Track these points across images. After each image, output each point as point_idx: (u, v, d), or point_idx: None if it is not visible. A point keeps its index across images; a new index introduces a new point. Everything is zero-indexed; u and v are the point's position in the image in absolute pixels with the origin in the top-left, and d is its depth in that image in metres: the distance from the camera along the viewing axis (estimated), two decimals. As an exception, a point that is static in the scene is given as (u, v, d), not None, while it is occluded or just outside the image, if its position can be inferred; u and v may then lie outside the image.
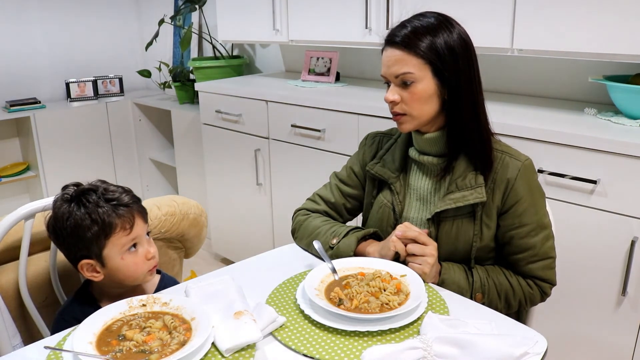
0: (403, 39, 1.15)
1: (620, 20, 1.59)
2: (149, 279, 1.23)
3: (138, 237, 1.18)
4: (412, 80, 1.16)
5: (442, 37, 1.14)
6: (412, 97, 1.17)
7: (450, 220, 1.21)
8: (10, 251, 1.33)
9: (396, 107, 1.20)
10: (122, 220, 1.14)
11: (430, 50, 1.14)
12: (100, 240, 1.13)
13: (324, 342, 0.95)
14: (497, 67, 2.24)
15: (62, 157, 3.46)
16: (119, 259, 1.15)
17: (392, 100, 1.19)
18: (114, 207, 1.14)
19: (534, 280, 1.22)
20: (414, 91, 1.16)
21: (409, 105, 1.18)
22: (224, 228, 2.98)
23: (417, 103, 1.17)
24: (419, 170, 1.29)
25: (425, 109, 1.18)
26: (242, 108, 2.61)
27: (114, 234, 1.14)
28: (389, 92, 1.20)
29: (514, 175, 1.18)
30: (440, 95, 1.18)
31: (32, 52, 3.57)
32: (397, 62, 1.16)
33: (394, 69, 1.17)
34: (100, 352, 0.89)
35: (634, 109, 1.71)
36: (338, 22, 2.33)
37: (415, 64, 1.15)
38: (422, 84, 1.16)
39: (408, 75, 1.16)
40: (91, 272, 1.17)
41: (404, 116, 1.20)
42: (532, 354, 0.89)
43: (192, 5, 3.16)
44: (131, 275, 1.18)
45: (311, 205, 1.42)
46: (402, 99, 1.18)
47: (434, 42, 1.14)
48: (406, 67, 1.15)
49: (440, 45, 1.14)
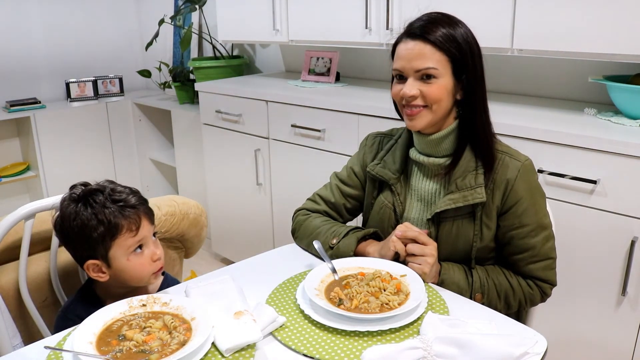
0: (428, 33, 1.14)
1: (620, 20, 1.59)
2: (154, 282, 1.22)
3: (144, 238, 1.17)
4: (434, 75, 1.15)
5: (460, 34, 1.15)
6: (432, 92, 1.15)
7: (450, 220, 1.21)
8: (10, 251, 1.33)
9: (416, 101, 1.17)
10: (128, 221, 1.14)
11: (453, 47, 1.14)
12: (106, 241, 1.13)
13: (324, 342, 0.95)
14: (497, 67, 2.24)
15: (62, 157, 3.46)
16: (125, 260, 1.15)
17: (411, 95, 1.16)
18: (120, 208, 1.14)
19: (534, 281, 1.22)
20: (434, 87, 1.15)
21: (429, 100, 1.16)
22: (224, 228, 2.98)
23: (437, 98, 1.16)
24: (419, 171, 1.29)
25: (442, 105, 1.17)
26: (242, 108, 2.61)
27: (120, 235, 1.13)
28: (407, 86, 1.17)
29: (514, 175, 1.18)
30: (454, 94, 1.18)
31: (32, 52, 3.57)
32: (420, 56, 1.15)
33: (416, 63, 1.15)
34: (100, 352, 0.89)
35: (634, 109, 1.71)
36: (338, 23, 2.33)
37: (438, 59, 1.14)
38: (442, 80, 1.15)
39: (432, 70, 1.14)
40: (97, 273, 1.17)
41: (423, 110, 1.17)
42: (532, 354, 0.89)
43: (192, 5, 3.16)
44: (136, 277, 1.18)
45: (311, 205, 1.42)
46: (422, 93, 1.16)
47: (455, 38, 1.14)
48: (430, 62, 1.14)
49: (461, 41, 1.14)
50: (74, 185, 1.20)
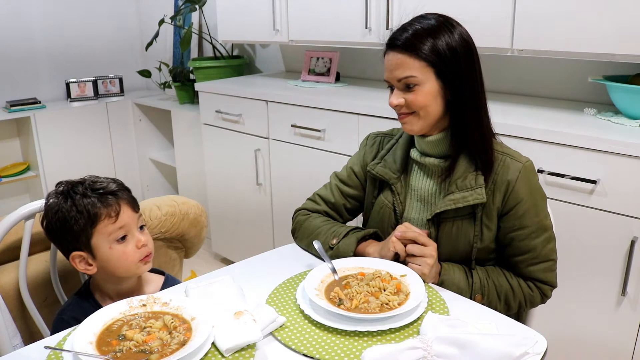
0: (404, 43, 1.15)
1: (620, 20, 1.59)
2: (142, 270, 1.22)
3: (127, 226, 1.18)
4: (415, 83, 1.16)
5: (443, 39, 1.14)
6: (416, 99, 1.17)
7: (450, 221, 1.21)
8: (10, 251, 1.33)
9: (403, 109, 1.20)
10: (107, 208, 1.15)
11: (432, 52, 1.14)
12: (87, 230, 1.14)
13: (324, 342, 0.95)
14: (497, 67, 2.24)
15: (62, 157, 3.46)
16: (108, 249, 1.16)
17: (396, 104, 1.19)
18: (100, 195, 1.15)
19: (534, 283, 1.22)
20: (417, 94, 1.16)
21: (414, 107, 1.18)
22: (224, 228, 2.98)
23: (422, 105, 1.17)
24: (420, 171, 1.29)
25: (430, 110, 1.18)
26: (242, 108, 2.61)
27: (100, 221, 1.14)
28: (392, 96, 1.20)
29: (515, 177, 1.18)
30: (444, 96, 1.18)
31: (33, 52, 3.57)
32: (399, 66, 1.16)
33: (396, 73, 1.17)
34: (100, 352, 0.89)
35: (634, 109, 1.71)
36: (338, 22, 2.33)
37: (417, 67, 1.15)
38: (425, 86, 1.16)
39: (411, 79, 1.16)
40: (84, 265, 1.18)
41: (411, 115, 1.19)
42: (532, 354, 0.90)
43: (192, 5, 3.16)
44: (121, 266, 1.18)
45: (311, 205, 1.42)
46: (407, 101, 1.18)
47: (435, 44, 1.14)
48: (408, 71, 1.15)
49: (441, 46, 1.14)
50: (60, 181, 1.21)
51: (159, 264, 1.55)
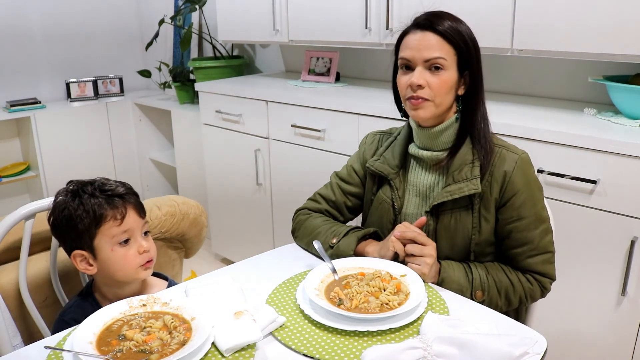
0: (438, 25, 1.17)
1: (620, 20, 1.59)
2: (142, 275, 1.21)
3: (131, 230, 1.18)
4: (442, 66, 1.17)
5: (464, 29, 1.19)
6: (439, 83, 1.18)
7: (448, 213, 1.22)
8: (10, 251, 1.33)
9: (422, 92, 1.18)
10: (113, 210, 1.15)
11: (462, 42, 1.18)
12: (91, 230, 1.15)
13: (324, 342, 0.95)
14: (497, 67, 2.24)
15: (62, 157, 3.46)
16: (109, 250, 1.16)
17: (419, 83, 1.18)
18: (107, 197, 1.16)
19: (533, 275, 1.22)
20: (441, 78, 1.18)
21: (434, 92, 1.18)
22: (224, 228, 2.98)
23: (442, 90, 1.18)
24: (418, 166, 1.30)
25: (446, 98, 1.20)
26: (242, 108, 2.61)
27: (105, 222, 1.15)
28: (416, 75, 1.18)
29: (511, 168, 1.20)
30: (456, 89, 1.21)
31: (32, 52, 3.56)
32: (431, 47, 1.17)
33: (425, 53, 1.17)
34: (101, 352, 0.89)
35: (633, 109, 1.71)
36: (338, 22, 2.33)
37: (447, 50, 1.17)
38: (447, 73, 1.18)
39: (440, 60, 1.17)
40: (85, 265, 1.18)
41: (427, 101, 1.19)
42: (532, 354, 0.90)
43: (192, 5, 3.16)
44: (121, 269, 1.18)
45: (312, 205, 1.42)
46: (428, 84, 1.18)
47: (461, 32, 1.18)
48: (440, 52, 1.17)
49: (468, 37, 1.19)
50: (71, 180, 1.22)
51: (159, 264, 1.55)
